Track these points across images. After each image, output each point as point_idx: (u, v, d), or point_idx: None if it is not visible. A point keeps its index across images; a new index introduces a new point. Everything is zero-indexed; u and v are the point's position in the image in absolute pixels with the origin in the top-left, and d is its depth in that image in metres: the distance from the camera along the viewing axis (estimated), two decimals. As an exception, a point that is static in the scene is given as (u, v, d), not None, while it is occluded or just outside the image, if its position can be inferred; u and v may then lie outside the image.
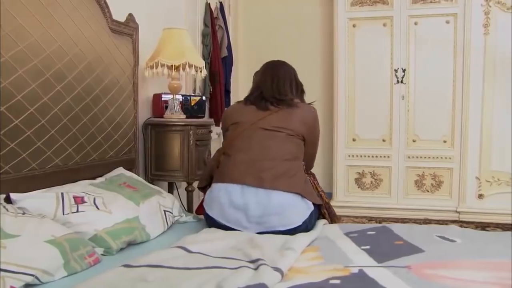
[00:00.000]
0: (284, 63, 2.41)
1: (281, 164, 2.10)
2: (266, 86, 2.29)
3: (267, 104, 2.23)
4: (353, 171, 4.37)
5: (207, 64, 3.91)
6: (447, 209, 4.12)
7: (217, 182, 2.16)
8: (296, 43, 4.89)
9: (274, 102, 2.23)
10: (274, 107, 2.21)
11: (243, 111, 2.28)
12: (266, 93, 2.27)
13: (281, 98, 2.24)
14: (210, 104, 4.07)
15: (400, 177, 4.24)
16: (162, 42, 2.91)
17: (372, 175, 4.31)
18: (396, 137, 4.23)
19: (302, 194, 2.07)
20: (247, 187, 2.04)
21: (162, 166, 2.94)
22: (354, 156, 4.35)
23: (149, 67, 2.86)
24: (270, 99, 2.24)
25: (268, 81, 2.30)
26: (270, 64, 2.41)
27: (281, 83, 2.30)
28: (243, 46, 5.06)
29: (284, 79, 2.32)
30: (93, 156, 2.37)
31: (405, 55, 4.16)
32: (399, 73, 4.18)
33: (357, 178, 4.36)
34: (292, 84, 2.35)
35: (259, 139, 2.15)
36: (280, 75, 2.33)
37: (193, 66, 2.89)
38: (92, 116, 2.35)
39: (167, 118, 2.95)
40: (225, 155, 2.22)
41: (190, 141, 2.91)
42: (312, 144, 2.33)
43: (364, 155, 4.33)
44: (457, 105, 4.07)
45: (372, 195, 4.31)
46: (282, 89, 2.28)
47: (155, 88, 3.21)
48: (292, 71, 2.39)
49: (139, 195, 2.17)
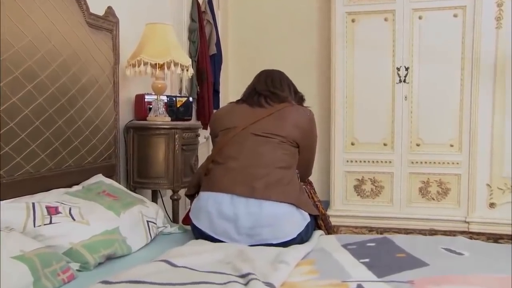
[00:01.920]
0: (280, 72, 2.49)
1: (274, 172, 2.10)
2: (260, 82, 2.37)
3: (260, 99, 2.27)
4: (352, 177, 4.36)
5: (194, 62, 3.91)
6: (455, 219, 4.12)
7: (205, 190, 2.16)
8: (290, 40, 4.89)
9: (268, 97, 2.26)
10: (267, 104, 2.24)
11: (233, 113, 2.30)
12: (259, 87, 2.33)
13: (275, 91, 2.29)
14: (198, 105, 4.06)
15: (403, 184, 4.24)
16: (145, 38, 2.90)
17: (373, 182, 4.31)
18: (398, 141, 4.23)
19: (296, 205, 2.08)
20: (237, 196, 2.05)
21: (145, 173, 2.94)
22: (353, 162, 4.35)
23: (130, 66, 2.85)
24: (264, 92, 2.29)
25: (262, 79, 2.38)
26: (265, 72, 2.48)
27: (277, 80, 2.37)
28: (233, 43, 5.06)
29: (280, 78, 2.41)
30: (69, 162, 2.36)
31: (408, 52, 4.16)
32: (401, 72, 4.18)
33: (356, 185, 4.36)
34: (287, 83, 2.42)
35: (251, 146, 2.16)
36: (275, 75, 2.41)
37: (178, 64, 2.89)
38: (68, 118, 2.33)
39: (150, 121, 2.94)
40: (214, 163, 2.23)
41: (176, 146, 2.90)
42: (308, 149, 2.34)
43: (364, 160, 4.33)
44: (465, 106, 4.07)
45: (372, 203, 4.31)
46: (277, 84, 2.34)
47: (138, 88, 3.20)
48: (286, 79, 2.47)
49: (119, 205, 2.16)
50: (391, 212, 4.25)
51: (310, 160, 2.41)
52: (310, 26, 4.88)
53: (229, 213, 2.04)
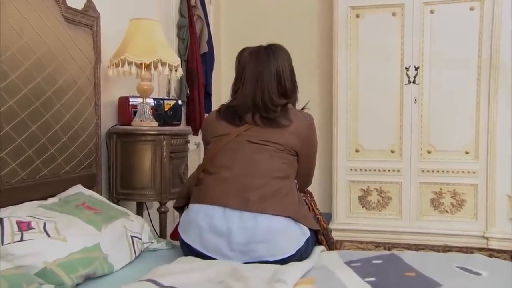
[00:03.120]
0: (270, 54, 2.28)
1: (271, 183, 2.09)
2: (246, 102, 2.23)
3: (245, 119, 2.20)
4: (356, 187, 4.38)
5: (184, 61, 3.91)
6: (472, 234, 4.11)
7: (196, 202, 2.15)
8: (288, 37, 4.74)
9: (258, 119, 2.19)
10: (254, 123, 2.18)
11: (220, 123, 2.26)
12: (242, 110, 2.22)
13: (270, 116, 2.19)
14: (188, 109, 4.07)
15: (413, 195, 4.24)
16: (129, 35, 2.89)
17: (379, 192, 4.32)
18: (407, 148, 4.23)
19: (295, 218, 2.07)
20: (231, 209, 2.04)
21: (129, 183, 2.93)
22: (358, 170, 4.37)
23: (113, 65, 2.84)
24: (247, 116, 2.20)
25: (249, 95, 2.23)
26: (253, 61, 2.29)
27: (266, 95, 2.21)
28: (226, 40, 5.08)
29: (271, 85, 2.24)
30: (43, 172, 2.33)
31: (418, 50, 4.17)
32: (411, 72, 4.19)
33: (361, 196, 4.37)
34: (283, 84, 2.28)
35: (246, 154, 2.15)
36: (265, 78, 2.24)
37: (166, 64, 2.88)
38: (43, 123, 2.31)
39: (135, 126, 2.94)
40: (206, 173, 2.22)
41: (163, 153, 2.90)
42: (308, 158, 2.32)
43: (370, 169, 4.34)
44: (482, 109, 4.08)
45: (379, 216, 4.32)
46: (269, 103, 2.21)
47: (121, 91, 3.19)
48: (281, 62, 2.28)
49: (101, 218, 2.15)
50: (399, 226, 4.25)
51: (310, 169, 2.40)
52: (310, 22, 4.90)
53: (222, 227, 2.03)
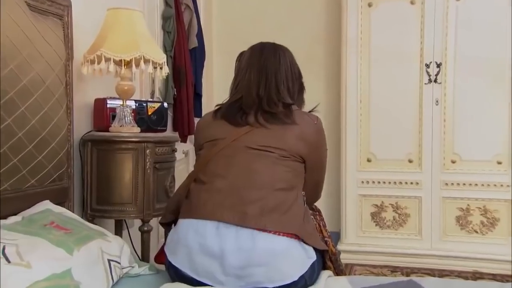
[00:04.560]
0: (276, 48, 2.39)
1: (272, 195, 2.08)
2: (249, 92, 2.28)
3: (248, 119, 2.22)
4: (369, 202, 4.38)
5: (170, 58, 3.93)
6: (506, 258, 4.06)
7: (185, 217, 2.14)
8: (289, 28, 4.87)
9: (260, 116, 2.21)
10: (258, 124, 2.20)
11: (216, 125, 2.28)
12: (247, 103, 2.26)
13: (272, 110, 2.22)
14: (175, 112, 4.09)
15: (435, 212, 4.23)
16: (106, 27, 2.88)
17: (395, 208, 4.31)
18: (427, 157, 4.22)
19: (298, 235, 2.05)
20: (225, 225, 2.02)
21: (107, 198, 2.92)
22: (370, 183, 4.37)
23: (88, 62, 2.83)
24: (252, 111, 2.23)
25: (254, 82, 2.28)
26: (257, 52, 2.37)
27: (273, 85, 2.28)
28: (219, 33, 5.09)
29: (277, 76, 2.30)
30: (4, 186, 2.30)
31: (440, 44, 4.16)
32: (432, 69, 4.18)
33: (375, 213, 4.37)
34: (289, 81, 2.33)
35: (243, 161, 2.15)
36: (271, 69, 2.31)
37: (150, 61, 2.87)
38: (4, 129, 2.27)
39: (114, 132, 2.92)
40: (197, 182, 2.21)
41: (147, 164, 2.88)
42: (316, 167, 2.32)
43: (384, 181, 4.34)
44: (517, 112, 4.05)
45: (395, 236, 4.31)
46: (274, 95, 2.26)
47: (98, 91, 3.18)
48: (288, 57, 2.38)
49: (72, 240, 2.10)
50: (419, 247, 4.24)
51: (318, 180, 2.40)
52: (315, 12, 4.91)
53: (214, 247, 2.01)
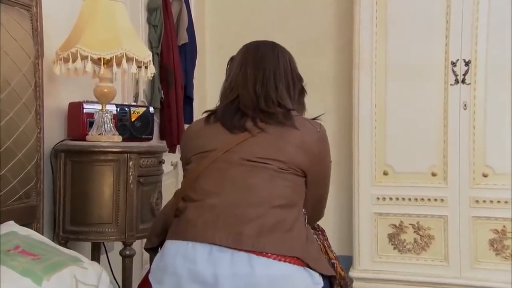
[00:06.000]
0: (275, 45, 2.41)
1: (270, 213, 2.05)
2: (246, 89, 2.28)
3: (244, 122, 2.21)
4: (386, 222, 4.35)
5: (157, 56, 3.93)
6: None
7: (173, 238, 2.11)
8: (293, 24, 4.88)
9: (258, 118, 2.20)
10: (255, 127, 2.19)
11: (212, 130, 2.27)
12: (244, 98, 2.26)
13: (270, 110, 2.22)
14: (162, 118, 4.10)
15: (464, 234, 4.20)
16: (82, 20, 2.85)
17: (417, 229, 4.28)
18: (454, 169, 4.20)
19: (302, 259, 2.03)
20: (218, 248, 1.99)
21: (82, 218, 2.88)
22: (387, 199, 4.34)
23: (61, 60, 2.80)
24: (251, 112, 2.22)
25: (250, 79, 2.29)
26: (253, 48, 2.40)
27: (271, 83, 2.28)
28: (212, 27, 5.11)
29: (276, 74, 2.31)
30: (-39, 204, 2.33)
31: (470, 38, 4.14)
32: (459, 68, 4.16)
33: (392, 234, 4.34)
34: (289, 81, 2.34)
35: (238, 175, 2.13)
36: (270, 65, 2.32)
37: (133, 59, 2.84)
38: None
39: (92, 141, 2.90)
40: (186, 200, 2.20)
41: (129, 178, 2.87)
42: (319, 182, 2.30)
43: (403, 198, 4.31)
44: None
45: (417, 261, 4.28)
46: (272, 94, 2.26)
47: (73, 94, 3.15)
48: (288, 56, 2.40)
49: (41, 267, 2.05)
50: (446, 275, 4.22)
51: (322, 196, 2.39)
52: (322, 2, 4.91)
53: (206, 274, 1.97)
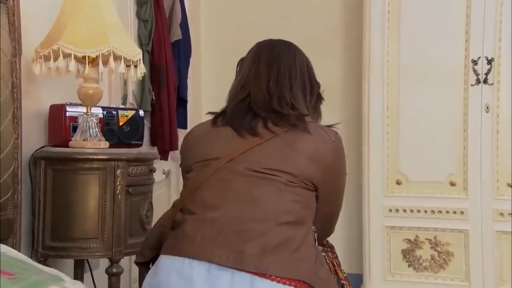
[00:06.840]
0: (291, 44, 2.38)
1: (276, 230, 2.02)
2: (258, 87, 2.25)
3: (256, 123, 2.17)
4: (399, 237, 4.33)
5: (147, 53, 3.93)
6: None
7: (168, 254, 2.08)
8: (297, 20, 4.88)
9: (270, 120, 2.17)
10: (266, 130, 2.15)
11: (215, 136, 2.25)
12: (257, 101, 2.22)
13: (282, 111, 2.19)
14: (153, 122, 4.11)
15: (487, 250, 4.17)
16: (65, 14, 2.84)
17: (434, 244, 4.26)
18: (475, 179, 4.18)
19: (310, 283, 1.99)
20: (217, 267, 1.94)
21: (64, 232, 2.88)
22: (400, 211, 4.31)
23: (41, 59, 2.80)
24: (263, 113, 2.19)
25: (263, 76, 2.27)
26: (267, 45, 2.37)
27: (286, 81, 2.26)
28: (208, 22, 5.11)
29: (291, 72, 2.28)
30: None
31: (493, 34, 4.12)
32: (480, 66, 4.14)
33: (407, 250, 4.32)
34: (305, 83, 2.31)
35: (241, 187, 2.09)
36: (285, 62, 2.30)
37: (122, 57, 2.86)
38: None
39: (75, 148, 2.90)
40: (184, 213, 2.16)
41: (117, 187, 2.87)
42: (331, 197, 2.27)
43: (418, 210, 4.28)
44: None
45: (434, 280, 4.27)
46: (287, 93, 2.23)
47: (54, 96, 3.15)
48: (305, 57, 2.37)
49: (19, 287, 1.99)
50: None
51: (334, 212, 2.37)
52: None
53: None
